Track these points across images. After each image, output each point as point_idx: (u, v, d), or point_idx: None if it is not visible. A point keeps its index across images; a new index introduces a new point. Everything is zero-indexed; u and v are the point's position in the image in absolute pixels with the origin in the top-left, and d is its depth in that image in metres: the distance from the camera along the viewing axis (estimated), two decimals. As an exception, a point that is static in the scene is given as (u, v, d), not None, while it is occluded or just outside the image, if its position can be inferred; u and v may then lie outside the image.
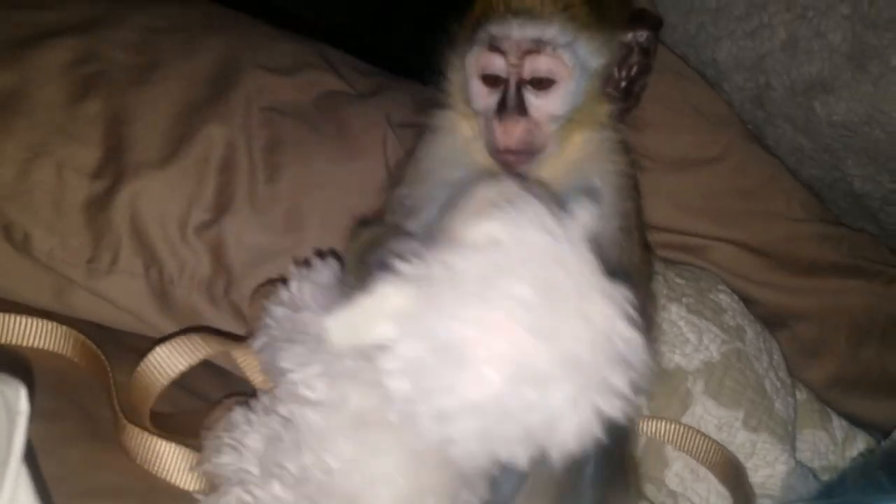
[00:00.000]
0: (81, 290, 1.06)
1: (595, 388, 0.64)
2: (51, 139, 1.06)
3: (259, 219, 1.12)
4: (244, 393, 0.97)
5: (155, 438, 0.90)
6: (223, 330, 1.10)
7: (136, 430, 0.90)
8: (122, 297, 1.07)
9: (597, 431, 0.65)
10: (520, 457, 0.66)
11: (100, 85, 1.11)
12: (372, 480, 0.77)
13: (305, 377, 0.83)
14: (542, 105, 0.88)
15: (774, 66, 1.32)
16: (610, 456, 0.85)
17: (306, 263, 1.01)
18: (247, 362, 1.01)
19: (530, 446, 0.66)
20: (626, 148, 0.99)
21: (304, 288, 0.94)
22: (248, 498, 0.77)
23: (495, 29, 0.86)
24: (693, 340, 1.18)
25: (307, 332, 0.88)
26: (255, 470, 0.80)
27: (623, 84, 0.93)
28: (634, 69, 0.93)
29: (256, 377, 1.00)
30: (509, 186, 0.72)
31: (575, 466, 0.80)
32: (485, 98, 0.89)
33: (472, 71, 0.89)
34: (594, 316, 0.64)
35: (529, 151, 0.89)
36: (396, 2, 0.93)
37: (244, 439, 0.83)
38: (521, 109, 0.86)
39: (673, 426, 1.11)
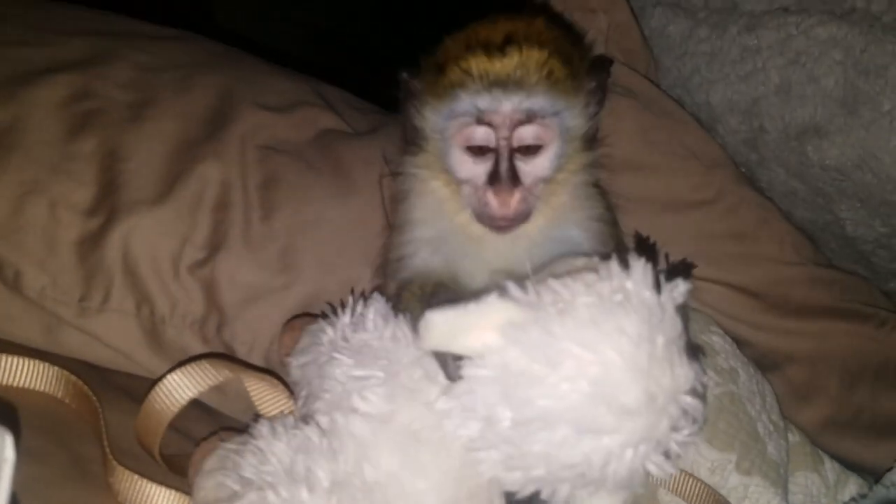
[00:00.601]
0: (72, 328, 1.05)
1: (653, 440, 0.70)
2: (44, 176, 1.06)
3: (253, 257, 1.11)
4: (233, 429, 0.96)
5: (144, 481, 0.89)
6: (233, 357, 1.09)
7: (126, 472, 0.89)
8: (113, 335, 1.07)
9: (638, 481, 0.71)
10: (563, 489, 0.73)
11: (94, 122, 1.11)
12: (407, 497, 0.79)
13: (360, 388, 0.84)
14: (531, 170, 0.89)
15: (768, 109, 1.34)
16: None
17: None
18: (257, 389, 1.00)
19: (578, 478, 0.72)
20: (601, 192, 1.02)
21: (369, 312, 0.94)
22: (272, 498, 0.78)
23: (482, 102, 0.86)
24: (686, 383, 1.18)
25: (365, 351, 0.89)
26: (280, 475, 0.81)
27: (592, 128, 0.97)
28: (597, 111, 0.96)
29: (266, 405, 0.99)
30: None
31: None
32: (470, 168, 0.90)
33: (455, 142, 0.90)
34: (677, 373, 0.70)
35: (523, 217, 0.90)
36: (394, 40, 0.93)
37: (269, 447, 0.84)
38: (515, 179, 0.87)
39: None
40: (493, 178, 0.87)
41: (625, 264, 0.73)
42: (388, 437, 0.81)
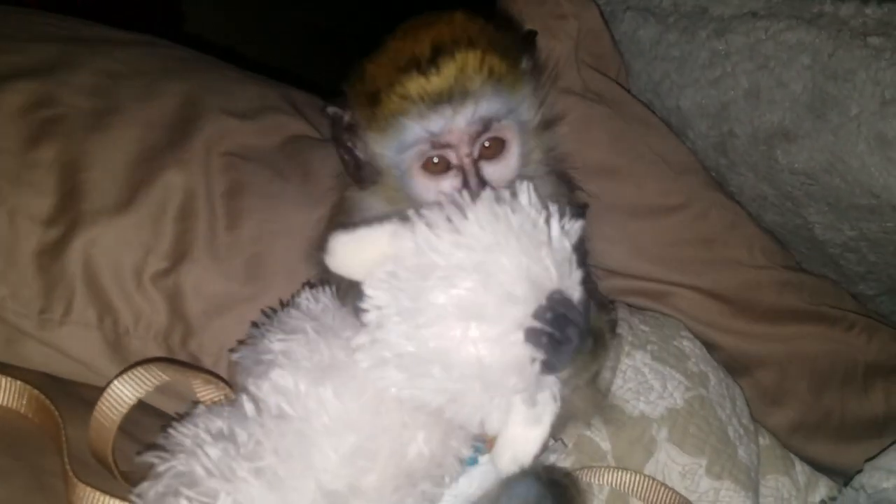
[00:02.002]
0: (34, 341, 1.04)
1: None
2: (3, 186, 1.03)
3: (219, 267, 1.10)
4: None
5: (105, 498, 0.88)
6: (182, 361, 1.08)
7: (87, 489, 0.88)
8: (76, 348, 1.05)
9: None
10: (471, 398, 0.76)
11: (55, 130, 1.08)
12: (329, 429, 0.81)
13: (286, 347, 0.87)
14: (499, 173, 0.89)
15: (737, 114, 1.34)
16: None
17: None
18: (205, 391, 1.00)
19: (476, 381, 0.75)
20: (568, 180, 1.03)
21: (320, 297, 0.95)
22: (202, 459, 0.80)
23: (432, 125, 0.83)
24: (657, 388, 1.18)
25: (294, 323, 0.91)
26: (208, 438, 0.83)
27: (546, 112, 0.96)
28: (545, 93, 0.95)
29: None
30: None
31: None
32: (435, 188, 0.88)
33: (414, 171, 0.88)
34: (554, 270, 0.76)
35: None
36: (369, 47, 0.90)
37: (201, 420, 0.86)
38: (485, 187, 0.86)
39: (635, 477, 1.11)
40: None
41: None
42: (308, 378, 0.83)
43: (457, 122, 0.83)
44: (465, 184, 0.86)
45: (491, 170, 0.88)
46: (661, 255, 1.34)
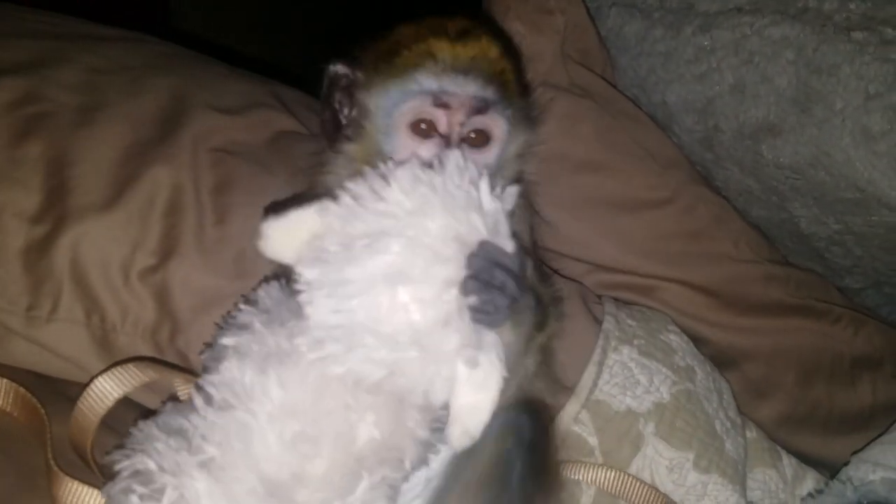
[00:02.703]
0: (20, 338, 1.03)
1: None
2: None
3: (207, 263, 1.09)
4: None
5: (86, 489, 0.88)
6: (165, 360, 1.07)
7: (69, 481, 0.88)
8: (63, 345, 1.04)
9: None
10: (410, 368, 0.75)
11: (42, 126, 1.08)
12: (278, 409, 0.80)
13: (236, 342, 0.86)
14: (478, 160, 0.89)
15: (723, 109, 1.35)
16: (536, 458, 0.89)
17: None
18: (184, 390, 0.99)
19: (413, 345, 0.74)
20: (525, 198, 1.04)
21: (273, 290, 0.94)
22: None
23: (443, 83, 0.86)
24: (644, 382, 1.19)
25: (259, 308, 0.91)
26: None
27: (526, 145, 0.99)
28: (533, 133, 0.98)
29: None
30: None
31: (502, 465, 0.85)
32: (414, 148, 0.89)
33: (403, 121, 0.89)
34: (480, 224, 0.76)
35: None
36: (358, 43, 0.93)
37: (164, 418, 0.85)
38: None
39: (619, 476, 1.11)
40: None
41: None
42: (253, 367, 0.82)
43: (464, 89, 0.87)
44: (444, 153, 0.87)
45: (472, 154, 0.89)
46: (647, 249, 1.34)
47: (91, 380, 0.94)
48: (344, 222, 0.76)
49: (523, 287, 0.78)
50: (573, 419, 1.14)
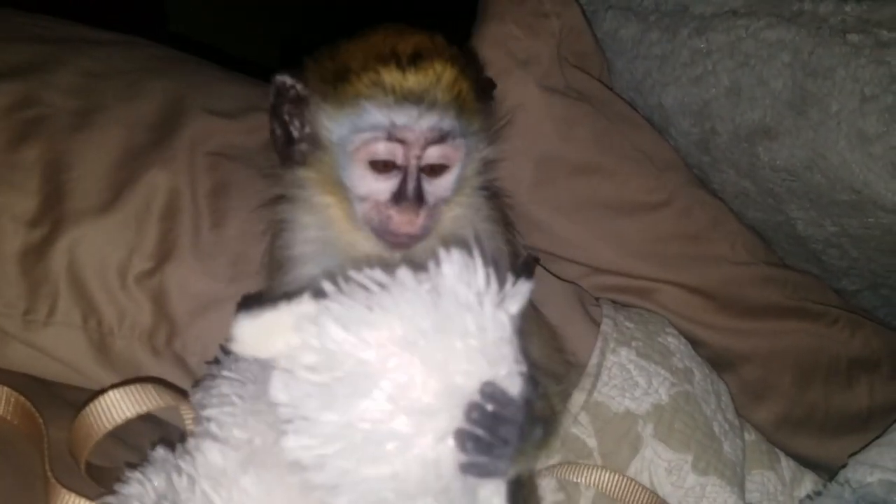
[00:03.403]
0: (17, 342, 1.03)
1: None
2: None
3: (203, 266, 1.09)
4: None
5: (79, 500, 0.87)
6: (171, 383, 1.06)
7: (62, 491, 0.88)
8: (60, 349, 1.04)
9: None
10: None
11: (39, 130, 1.08)
12: None
13: (217, 414, 0.83)
14: (435, 190, 0.88)
15: (719, 111, 1.35)
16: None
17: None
18: (191, 417, 0.98)
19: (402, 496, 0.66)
20: (496, 206, 1.02)
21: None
22: None
23: (396, 117, 0.83)
24: (642, 384, 1.19)
25: (243, 377, 0.88)
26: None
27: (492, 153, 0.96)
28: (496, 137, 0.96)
29: None
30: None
31: None
32: (372, 184, 0.87)
33: (358, 157, 0.86)
34: (483, 366, 0.66)
35: (426, 235, 0.89)
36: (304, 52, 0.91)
37: (151, 474, 0.83)
38: (421, 198, 0.86)
39: (616, 478, 1.11)
40: (400, 197, 0.86)
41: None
42: (236, 461, 0.80)
43: (419, 123, 0.83)
44: (403, 188, 0.86)
45: (429, 184, 0.87)
46: (644, 251, 1.34)
47: (103, 391, 0.93)
48: (322, 345, 0.66)
49: (531, 428, 0.69)
50: (572, 421, 1.14)
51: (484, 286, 0.67)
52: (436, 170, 0.88)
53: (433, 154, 0.86)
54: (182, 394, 1.00)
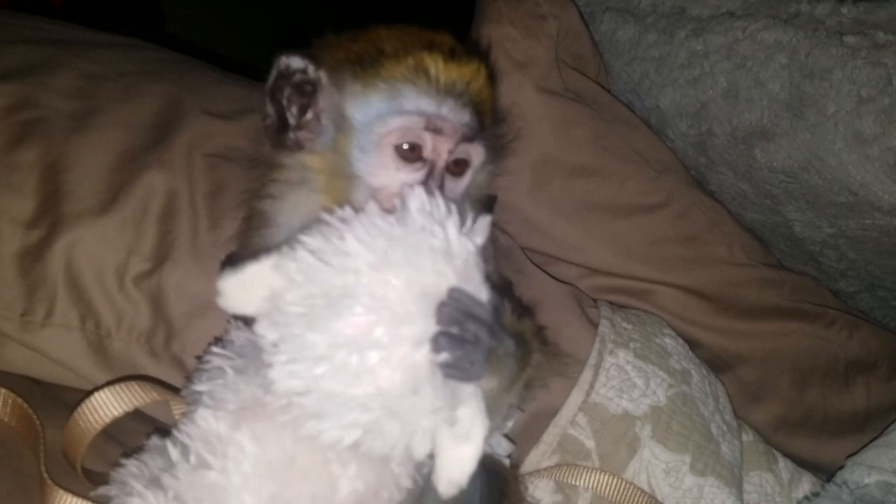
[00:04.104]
0: (15, 344, 1.03)
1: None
2: None
3: (201, 268, 1.09)
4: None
5: (75, 499, 0.87)
6: (165, 381, 1.07)
7: (59, 491, 0.88)
8: (58, 350, 1.04)
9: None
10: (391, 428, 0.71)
11: (36, 132, 1.08)
12: (254, 469, 0.78)
13: (210, 387, 0.85)
14: (453, 186, 0.87)
15: (716, 113, 1.35)
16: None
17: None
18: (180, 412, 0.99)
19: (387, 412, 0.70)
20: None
21: (241, 331, 0.92)
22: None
23: (440, 106, 0.81)
24: (640, 385, 1.19)
25: (234, 352, 0.89)
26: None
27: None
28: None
29: None
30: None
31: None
32: (391, 176, 0.83)
33: (386, 142, 0.83)
34: (451, 276, 0.71)
35: None
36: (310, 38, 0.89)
37: (147, 459, 0.84)
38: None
39: (613, 480, 1.11)
40: None
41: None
42: (228, 420, 0.81)
43: (459, 116, 0.82)
44: (428, 180, 0.83)
45: (449, 182, 0.86)
46: (642, 253, 1.34)
47: (91, 392, 0.94)
48: (303, 278, 0.71)
49: (500, 334, 0.74)
50: (570, 422, 1.14)
51: (446, 215, 0.73)
52: (458, 169, 0.86)
53: (461, 151, 0.85)
54: (174, 391, 1.00)
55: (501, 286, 0.92)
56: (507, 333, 0.77)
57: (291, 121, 0.87)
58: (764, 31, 1.28)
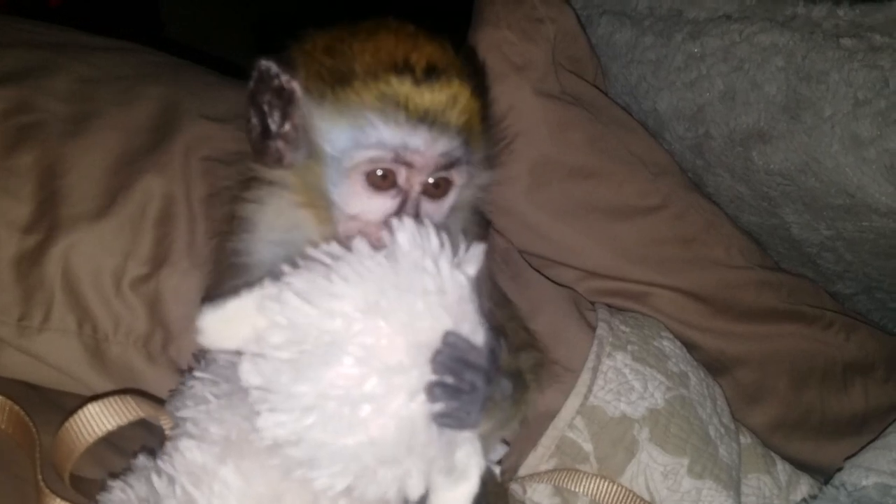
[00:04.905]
0: (12, 349, 1.02)
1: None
2: None
3: (198, 272, 1.09)
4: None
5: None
6: (163, 384, 1.06)
7: (57, 500, 0.88)
8: (55, 355, 1.03)
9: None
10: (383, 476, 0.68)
11: (33, 135, 1.07)
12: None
13: (194, 414, 0.83)
14: (432, 209, 0.82)
15: (713, 116, 1.35)
16: None
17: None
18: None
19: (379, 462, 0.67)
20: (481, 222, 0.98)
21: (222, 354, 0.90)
22: None
23: (407, 138, 0.75)
24: (638, 388, 1.19)
25: (217, 377, 0.87)
26: None
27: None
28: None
29: None
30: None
31: None
32: (365, 204, 0.79)
33: (355, 173, 0.78)
34: (446, 324, 0.68)
35: None
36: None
37: (133, 481, 0.83)
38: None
39: (612, 487, 1.11)
40: None
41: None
42: (212, 453, 0.79)
43: (431, 148, 0.76)
44: (401, 210, 0.79)
45: (427, 206, 0.81)
46: (639, 255, 1.34)
47: (82, 404, 0.92)
48: (288, 322, 0.67)
49: (496, 378, 0.71)
50: (568, 425, 1.14)
51: (438, 249, 0.69)
52: (438, 193, 0.81)
53: (438, 180, 0.80)
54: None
55: (498, 301, 0.92)
56: (504, 374, 0.74)
57: (273, 127, 0.82)
58: (760, 33, 1.28)
